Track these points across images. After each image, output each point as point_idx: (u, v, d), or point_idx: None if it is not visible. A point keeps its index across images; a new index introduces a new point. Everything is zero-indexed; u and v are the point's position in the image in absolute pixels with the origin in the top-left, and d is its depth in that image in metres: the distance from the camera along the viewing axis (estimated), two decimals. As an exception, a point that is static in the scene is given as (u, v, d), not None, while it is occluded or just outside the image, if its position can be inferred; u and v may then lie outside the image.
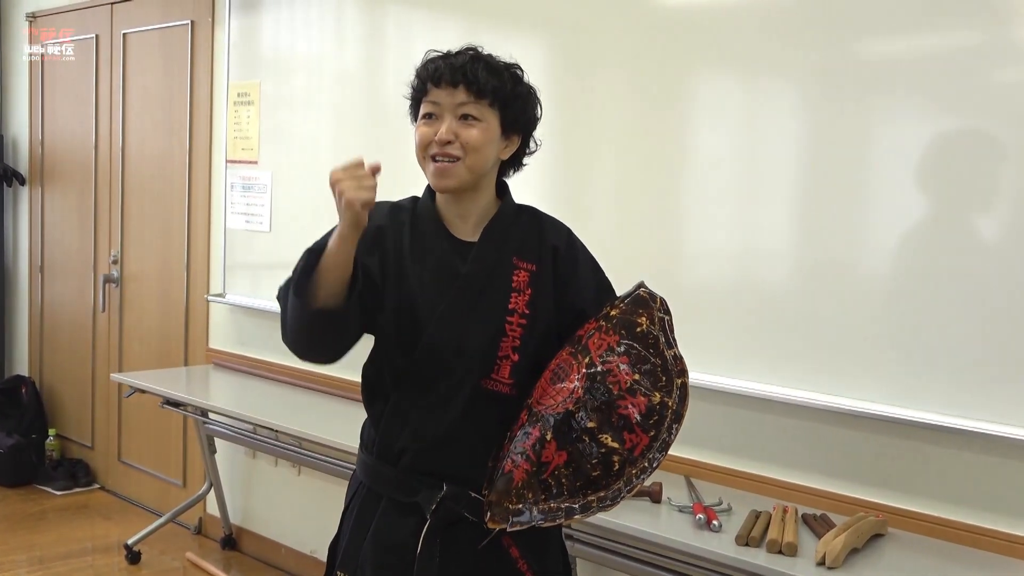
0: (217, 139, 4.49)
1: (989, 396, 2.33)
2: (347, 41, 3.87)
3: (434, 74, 1.78)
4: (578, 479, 1.63)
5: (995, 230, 2.34)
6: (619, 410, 1.62)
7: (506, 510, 1.64)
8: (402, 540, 1.81)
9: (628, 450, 1.62)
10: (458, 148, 1.76)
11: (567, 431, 1.62)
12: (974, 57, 2.34)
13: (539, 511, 1.63)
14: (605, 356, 1.63)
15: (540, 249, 1.86)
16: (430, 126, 1.78)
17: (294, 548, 4.25)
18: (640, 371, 1.64)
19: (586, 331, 1.72)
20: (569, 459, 1.62)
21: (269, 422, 3.58)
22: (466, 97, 1.76)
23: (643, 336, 1.67)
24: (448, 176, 1.77)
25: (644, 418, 1.63)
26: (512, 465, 1.64)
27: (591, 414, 1.61)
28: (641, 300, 1.71)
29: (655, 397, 1.65)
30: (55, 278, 5.69)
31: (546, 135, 3.05)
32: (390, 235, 1.83)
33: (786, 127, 2.67)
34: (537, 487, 1.63)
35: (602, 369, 1.62)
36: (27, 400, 5.62)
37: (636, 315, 1.69)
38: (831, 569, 2.17)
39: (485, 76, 1.77)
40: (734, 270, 2.78)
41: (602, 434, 1.61)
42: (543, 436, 1.62)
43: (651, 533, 2.41)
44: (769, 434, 2.74)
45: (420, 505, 1.79)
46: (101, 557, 4.41)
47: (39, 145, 5.72)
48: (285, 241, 4.14)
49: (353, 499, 1.93)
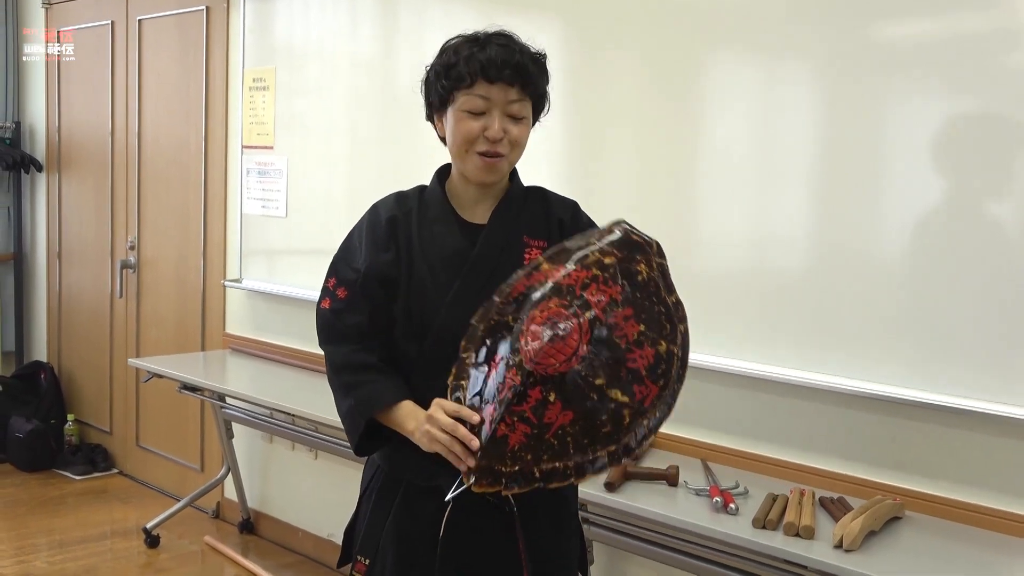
0: (233, 125, 4.50)
1: (1006, 378, 2.32)
2: (361, 26, 3.87)
3: (488, 69, 1.74)
4: (586, 436, 1.58)
5: (1012, 213, 2.32)
6: (628, 364, 1.56)
7: (497, 472, 1.59)
8: (424, 523, 1.82)
9: (639, 402, 1.57)
10: (506, 145, 1.77)
11: (573, 390, 1.56)
12: (991, 40, 2.33)
13: (540, 472, 1.59)
14: (609, 310, 1.57)
15: (548, 225, 1.87)
16: (477, 121, 1.76)
17: (311, 532, 4.27)
18: (644, 321, 1.58)
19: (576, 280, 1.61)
20: (576, 418, 1.57)
21: (286, 406, 3.60)
22: (518, 95, 1.76)
23: (644, 284, 1.60)
24: (495, 172, 1.79)
25: (652, 368, 1.57)
26: (507, 429, 1.58)
27: (598, 371, 1.55)
28: (637, 245, 1.64)
29: (662, 346, 1.59)
30: (73, 264, 5.72)
31: (560, 120, 3.05)
32: (401, 224, 1.85)
33: (802, 110, 2.66)
34: (539, 448, 1.58)
35: (609, 323, 1.56)
36: (46, 386, 5.66)
37: (634, 263, 1.62)
38: (848, 552, 2.17)
39: (536, 75, 1.78)
40: (749, 254, 2.77)
41: (611, 390, 1.56)
42: (545, 398, 1.56)
43: (668, 516, 2.41)
44: (786, 417, 2.73)
45: (440, 488, 1.80)
46: (120, 541, 4.45)
47: (56, 132, 5.74)
48: (301, 226, 4.15)
49: (371, 483, 1.94)
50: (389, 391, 1.79)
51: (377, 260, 1.82)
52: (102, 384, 5.57)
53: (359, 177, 3.87)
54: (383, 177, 3.64)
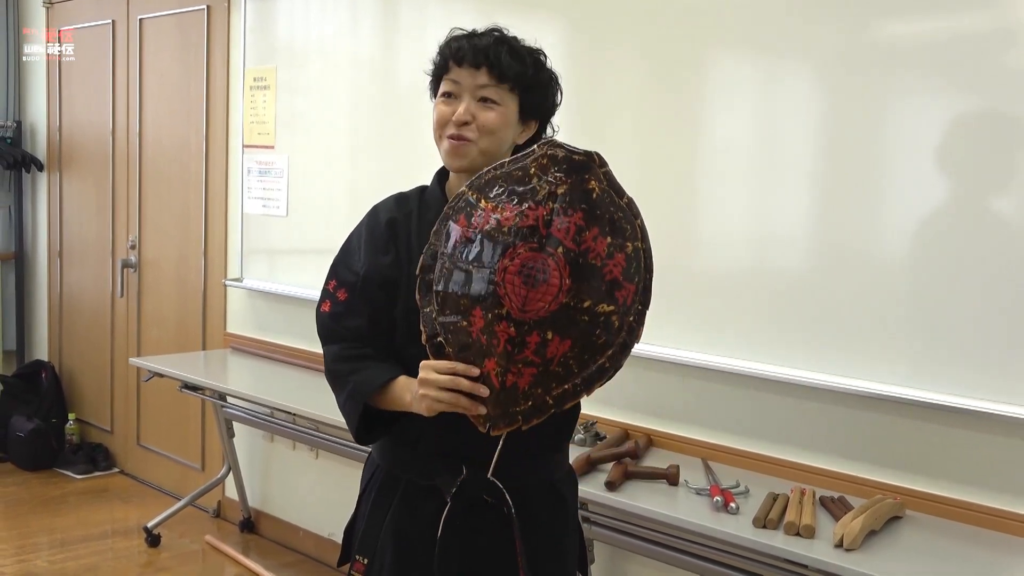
0: (234, 124, 4.50)
1: (1007, 378, 2.32)
2: (362, 25, 3.87)
3: (456, 53, 1.77)
4: (585, 352, 1.61)
5: (1014, 213, 2.32)
6: (606, 277, 1.59)
7: (513, 413, 1.63)
8: (422, 523, 1.81)
9: (623, 305, 1.61)
10: (474, 130, 1.76)
11: (566, 321, 1.59)
12: (993, 38, 2.33)
13: (552, 399, 1.62)
14: (577, 238, 1.58)
15: None
16: (448, 105, 1.78)
17: (312, 531, 4.28)
18: (610, 233, 1.61)
19: (536, 219, 1.60)
20: (574, 343, 1.60)
21: (287, 406, 3.60)
22: (487, 79, 1.76)
23: (600, 199, 1.61)
24: (461, 156, 1.78)
25: (626, 271, 1.61)
26: (515, 376, 1.61)
27: (584, 295, 1.58)
28: (581, 165, 1.63)
29: (628, 248, 1.62)
30: (74, 264, 5.72)
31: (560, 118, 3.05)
32: (400, 226, 1.85)
33: (803, 109, 2.66)
34: (547, 380, 1.61)
35: (581, 251, 1.58)
36: (47, 385, 5.66)
37: (585, 183, 1.62)
38: (849, 551, 2.17)
39: (508, 60, 1.76)
40: (750, 253, 2.77)
41: (599, 305, 1.59)
42: (543, 338, 1.59)
43: (668, 516, 2.41)
44: (786, 417, 2.73)
45: (439, 488, 1.79)
46: (121, 540, 4.45)
47: (57, 131, 5.75)
48: (302, 225, 4.15)
49: (370, 482, 1.93)
50: (383, 372, 1.78)
51: (377, 262, 1.83)
52: (103, 383, 5.57)
53: (360, 176, 3.88)
54: (384, 176, 3.64)
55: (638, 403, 3.01)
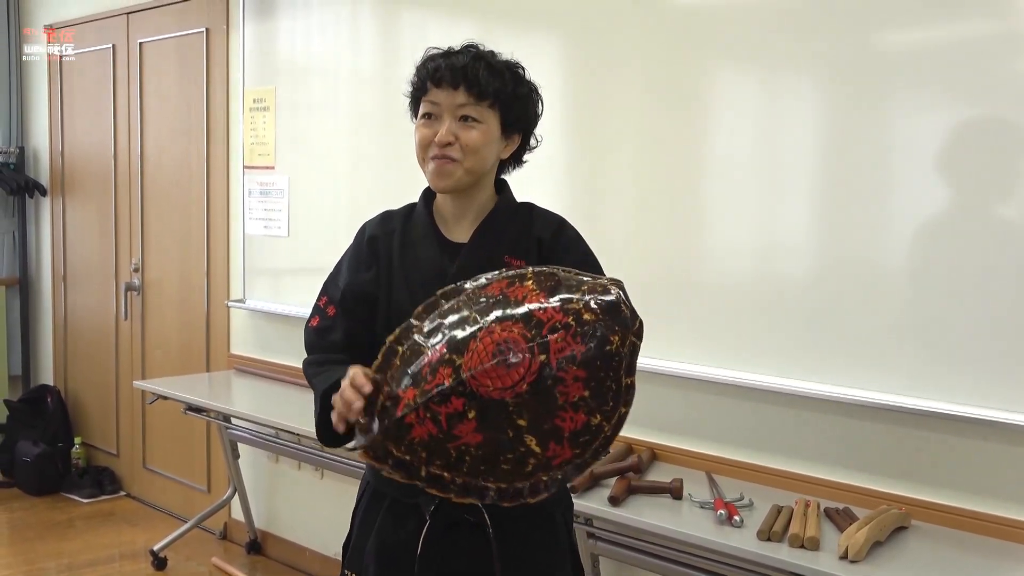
0: (234, 145, 4.52)
1: (1011, 386, 2.31)
2: (361, 45, 3.88)
3: (434, 74, 1.77)
4: (484, 464, 1.55)
5: (1015, 221, 2.32)
6: (555, 420, 1.53)
7: (387, 452, 1.58)
8: (403, 540, 1.82)
9: (548, 458, 1.55)
10: (457, 150, 1.76)
11: (493, 418, 1.53)
12: (992, 46, 2.33)
13: (426, 472, 1.57)
14: (564, 364, 1.53)
15: (528, 243, 1.84)
16: (429, 127, 1.78)
17: (319, 551, 4.26)
18: (591, 389, 1.54)
19: (549, 319, 1.56)
20: (483, 443, 1.54)
21: (291, 426, 3.60)
22: (466, 99, 1.75)
23: (609, 356, 1.55)
24: (446, 177, 1.78)
25: (576, 434, 1.55)
26: (416, 419, 1.55)
27: (524, 413, 1.52)
28: (621, 317, 1.57)
29: (595, 419, 1.55)
30: (78, 287, 5.73)
31: (562, 133, 3.06)
32: (382, 243, 1.86)
33: (804, 121, 2.66)
34: (436, 451, 1.56)
35: (558, 375, 1.52)
36: (52, 409, 5.66)
37: (611, 331, 1.56)
38: (854, 563, 2.15)
39: (486, 77, 1.76)
40: (753, 266, 2.77)
41: (528, 435, 1.53)
42: (464, 412, 1.53)
43: (673, 530, 2.40)
44: (790, 428, 2.72)
45: (420, 506, 1.79)
46: (128, 564, 4.44)
47: (59, 156, 5.77)
48: (304, 245, 4.15)
49: (361, 499, 1.95)
50: (345, 367, 1.71)
51: (357, 278, 1.86)
52: (108, 406, 5.57)
53: (361, 195, 3.88)
54: (385, 195, 3.62)
55: (641, 417, 3.00)
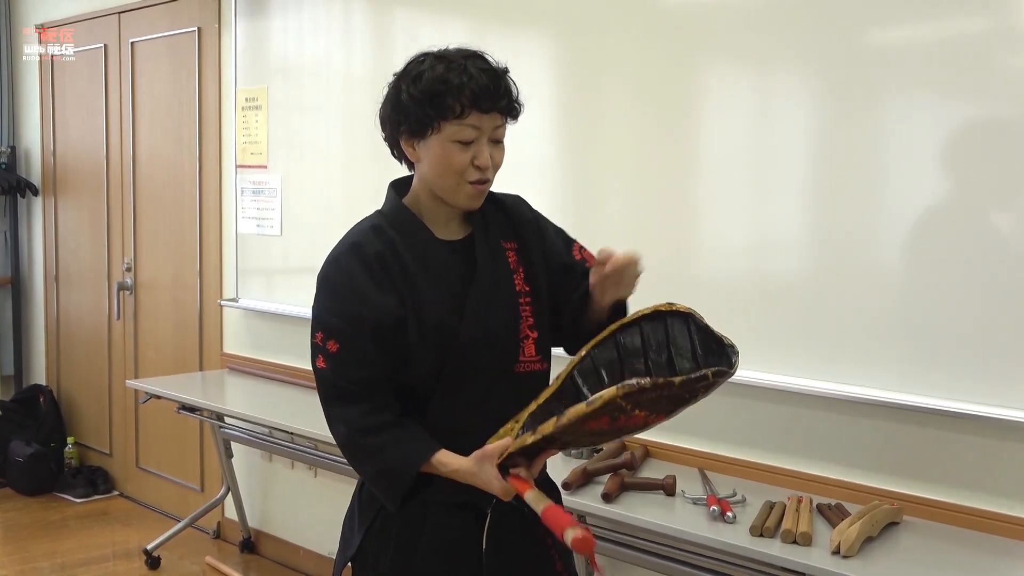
0: (226, 144, 4.51)
1: (1003, 382, 2.32)
2: (354, 45, 3.88)
3: (480, 100, 1.69)
4: None
5: (1007, 219, 2.33)
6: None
7: None
8: (463, 541, 1.81)
9: None
10: (492, 171, 1.76)
11: None
12: (983, 44, 2.33)
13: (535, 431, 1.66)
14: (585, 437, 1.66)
15: (512, 226, 1.88)
16: (467, 151, 1.72)
17: (312, 550, 4.27)
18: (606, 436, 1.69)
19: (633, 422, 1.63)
20: None
21: (285, 425, 3.60)
22: (502, 120, 1.75)
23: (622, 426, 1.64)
24: (483, 197, 1.80)
25: None
26: None
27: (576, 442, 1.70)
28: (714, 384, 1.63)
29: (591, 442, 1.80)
30: (70, 287, 5.72)
31: (554, 132, 3.07)
32: (389, 256, 1.77)
33: (796, 120, 2.67)
34: None
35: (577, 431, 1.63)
36: (45, 409, 5.66)
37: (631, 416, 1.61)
38: (846, 558, 2.16)
39: (517, 98, 1.77)
40: (745, 263, 2.78)
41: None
42: None
43: (665, 526, 2.41)
44: (782, 425, 2.73)
45: (472, 502, 1.78)
46: (121, 563, 4.44)
47: (51, 156, 5.76)
48: (297, 244, 4.15)
49: (378, 515, 1.84)
50: (423, 443, 1.73)
51: (383, 306, 1.74)
52: (101, 406, 5.56)
53: (353, 195, 3.88)
54: (378, 194, 3.61)
55: (634, 414, 3.01)
